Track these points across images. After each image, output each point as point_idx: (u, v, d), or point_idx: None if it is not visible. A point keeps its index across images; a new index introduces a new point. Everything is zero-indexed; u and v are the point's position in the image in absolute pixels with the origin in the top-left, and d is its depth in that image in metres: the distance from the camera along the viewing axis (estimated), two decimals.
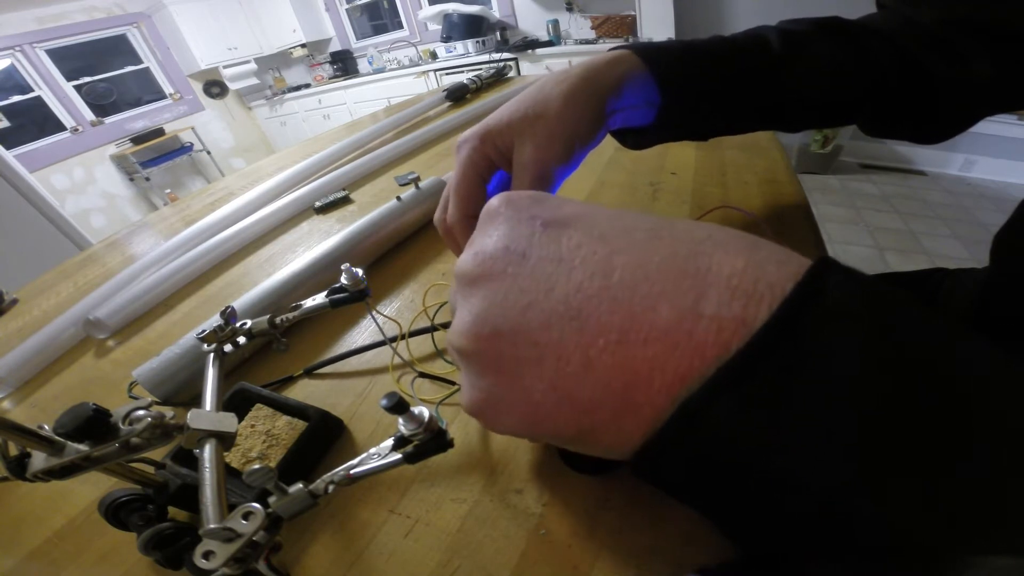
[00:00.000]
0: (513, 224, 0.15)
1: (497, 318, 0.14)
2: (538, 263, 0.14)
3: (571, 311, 0.13)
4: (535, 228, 0.15)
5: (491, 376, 0.15)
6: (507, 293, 0.14)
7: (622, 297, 0.12)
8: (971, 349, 0.11)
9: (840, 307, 0.11)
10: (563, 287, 0.13)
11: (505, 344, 0.14)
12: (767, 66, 0.30)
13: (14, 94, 3.38)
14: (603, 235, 0.14)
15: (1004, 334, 0.31)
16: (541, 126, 0.25)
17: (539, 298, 0.13)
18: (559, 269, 0.14)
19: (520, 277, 0.14)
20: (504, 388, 0.14)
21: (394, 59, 3.88)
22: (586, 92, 0.25)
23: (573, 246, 0.14)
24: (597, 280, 0.13)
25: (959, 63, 0.28)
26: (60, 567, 0.23)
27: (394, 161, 0.71)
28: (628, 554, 0.18)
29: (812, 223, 0.37)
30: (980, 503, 0.10)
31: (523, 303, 0.14)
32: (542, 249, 0.14)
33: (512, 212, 0.16)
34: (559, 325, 0.13)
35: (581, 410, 0.13)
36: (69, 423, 0.16)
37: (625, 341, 0.12)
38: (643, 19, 2.66)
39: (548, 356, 0.13)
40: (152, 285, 0.45)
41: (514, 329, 0.14)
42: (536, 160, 0.24)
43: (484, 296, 0.15)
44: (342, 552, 0.20)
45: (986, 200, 2.20)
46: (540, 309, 0.13)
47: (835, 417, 0.10)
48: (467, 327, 0.15)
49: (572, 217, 0.15)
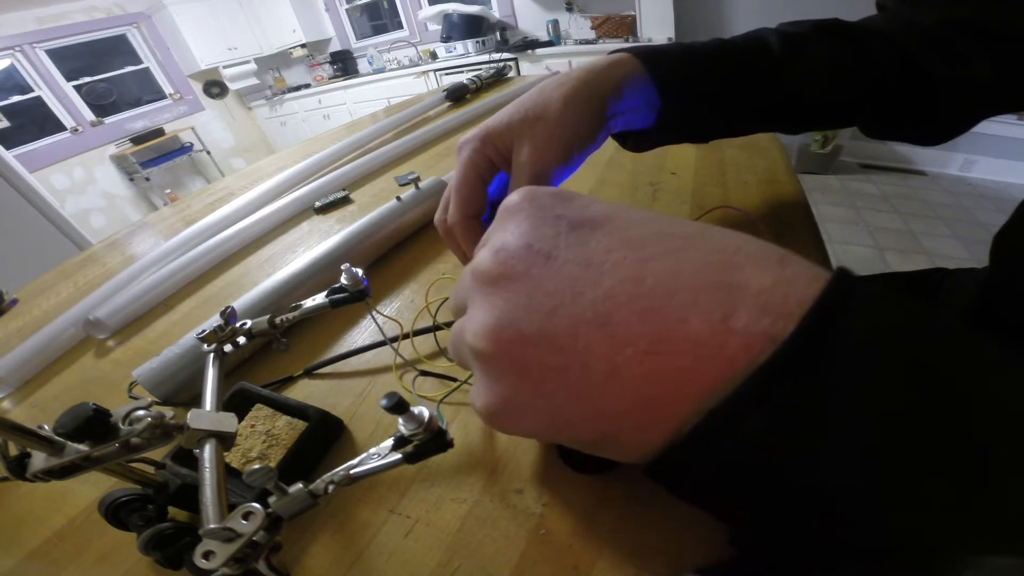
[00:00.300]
0: (536, 222, 0.15)
1: (521, 321, 0.13)
2: (564, 265, 0.13)
3: (599, 317, 0.13)
4: (560, 228, 0.14)
5: (511, 380, 0.14)
6: (531, 295, 0.14)
7: (654, 306, 0.12)
8: (982, 353, 0.11)
9: (864, 323, 0.11)
10: (592, 292, 0.13)
11: (528, 349, 0.13)
12: (766, 68, 0.30)
13: (14, 94, 3.38)
14: (635, 240, 0.13)
15: (1004, 334, 0.31)
16: (540, 128, 0.25)
17: (565, 302, 0.13)
18: (587, 273, 0.13)
19: (545, 279, 0.13)
20: (525, 394, 0.14)
21: (394, 59, 3.88)
22: (585, 95, 0.26)
23: (602, 249, 0.13)
24: (628, 286, 0.13)
25: (959, 64, 0.28)
26: (60, 567, 0.23)
27: (394, 161, 0.71)
28: (628, 553, 0.18)
29: (812, 223, 0.37)
30: (996, 506, 0.10)
31: (548, 307, 0.13)
32: (569, 251, 0.14)
33: (535, 209, 0.15)
34: (586, 332, 0.13)
35: (605, 418, 0.13)
36: (69, 423, 0.16)
37: (655, 351, 0.12)
38: (643, 19, 2.66)
39: (573, 363, 0.13)
40: (152, 285, 0.45)
41: (538, 334, 0.13)
42: (534, 161, 0.25)
43: (506, 297, 0.14)
44: (342, 552, 0.20)
45: (986, 200, 2.20)
46: (566, 314, 0.13)
47: (856, 425, 0.10)
48: (487, 329, 0.14)
49: (601, 218, 0.14)
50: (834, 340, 0.11)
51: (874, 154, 2.60)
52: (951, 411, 0.10)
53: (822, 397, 0.11)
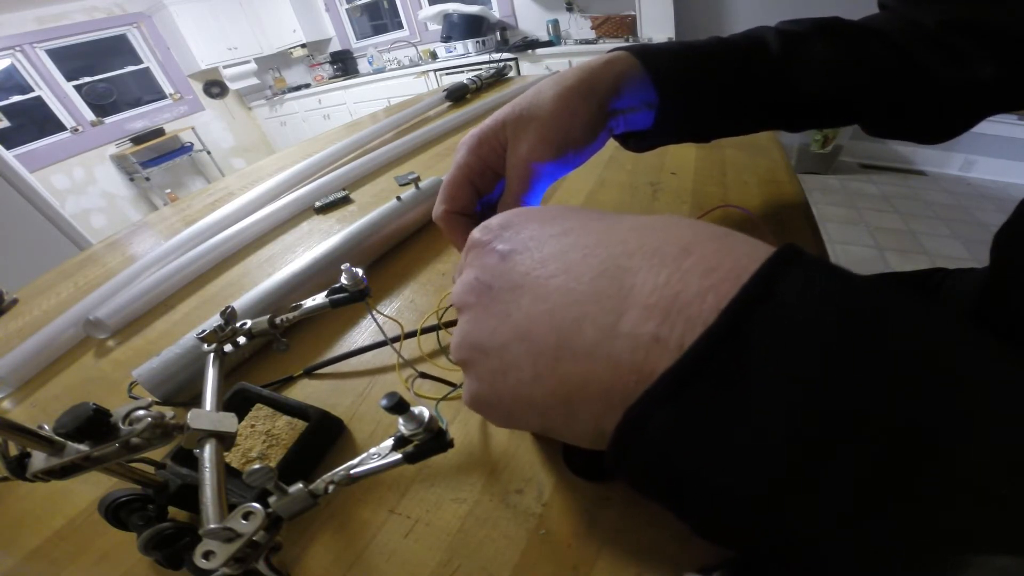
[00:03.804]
0: (482, 256, 0.18)
1: (475, 338, 0.17)
2: (500, 292, 0.16)
3: (522, 333, 0.15)
4: (497, 260, 0.17)
5: (476, 382, 0.17)
6: (480, 319, 0.17)
7: (555, 321, 0.14)
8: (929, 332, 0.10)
9: (773, 326, 0.11)
10: (516, 313, 0.15)
11: (481, 359, 0.17)
12: (766, 66, 0.30)
13: (14, 94, 3.38)
14: (544, 259, 0.16)
15: (1004, 334, 0.31)
16: (534, 126, 0.25)
17: (500, 323, 0.16)
18: (513, 296, 0.16)
19: (488, 306, 0.16)
20: (486, 392, 0.17)
21: (394, 59, 3.88)
22: (580, 93, 0.26)
23: (523, 272, 0.16)
24: (539, 304, 0.15)
25: (960, 65, 0.28)
26: (60, 567, 0.23)
27: (394, 161, 0.71)
28: (628, 554, 0.18)
29: (812, 223, 0.37)
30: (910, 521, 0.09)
31: (491, 327, 0.16)
32: (501, 279, 0.16)
33: (481, 245, 0.18)
34: (515, 345, 0.15)
35: (539, 413, 0.15)
36: (69, 423, 0.16)
37: (560, 358, 0.14)
38: (643, 19, 2.66)
39: (511, 369, 0.15)
40: (152, 285, 0.45)
41: (486, 347, 0.16)
42: (526, 161, 0.25)
43: (467, 320, 0.17)
44: (342, 552, 0.20)
45: (986, 200, 2.20)
46: (501, 332, 0.16)
47: (758, 432, 0.10)
48: (455, 345, 0.18)
49: (525, 241, 0.17)
50: (734, 339, 0.11)
51: (874, 154, 2.59)
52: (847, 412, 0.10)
53: (721, 404, 0.11)
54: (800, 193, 0.41)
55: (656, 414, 0.11)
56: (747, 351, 0.10)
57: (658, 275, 0.13)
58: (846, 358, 0.10)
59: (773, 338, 0.10)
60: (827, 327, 0.10)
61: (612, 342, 0.13)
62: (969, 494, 0.09)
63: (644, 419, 0.12)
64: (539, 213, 0.18)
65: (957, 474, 0.09)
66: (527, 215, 0.18)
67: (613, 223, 0.16)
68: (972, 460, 0.09)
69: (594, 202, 0.47)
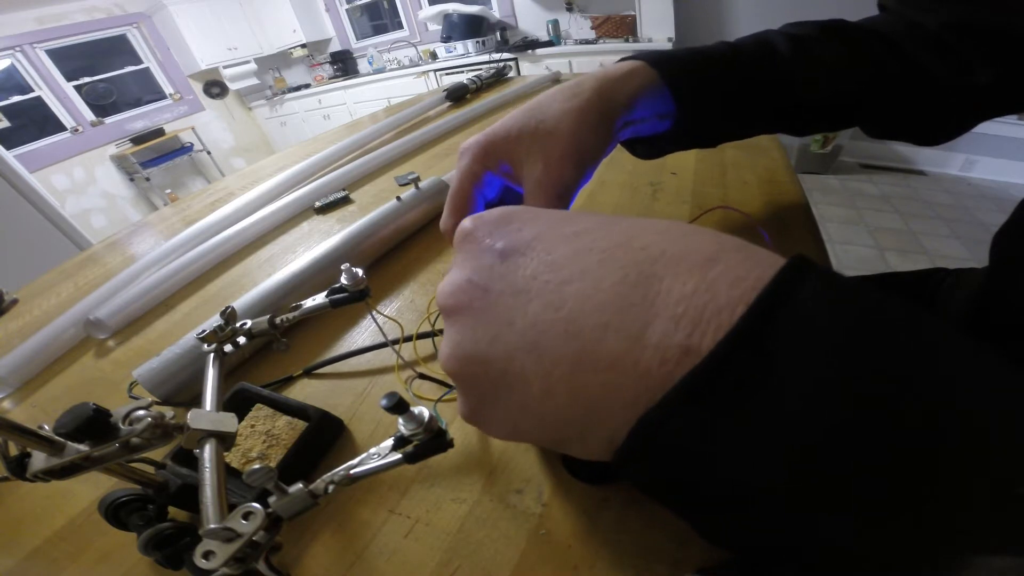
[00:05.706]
0: (476, 254, 0.16)
1: (469, 348, 0.15)
2: (499, 297, 0.15)
3: (529, 344, 0.14)
4: (494, 260, 0.16)
5: (472, 396, 0.16)
6: (474, 327, 0.15)
7: (574, 329, 0.13)
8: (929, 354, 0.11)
9: (796, 331, 0.11)
10: (521, 321, 0.14)
11: (478, 371, 0.15)
12: (777, 71, 0.30)
13: (14, 94, 3.38)
14: (557, 262, 0.14)
15: (1004, 335, 0.31)
16: (552, 144, 0.24)
17: (502, 331, 0.14)
18: (517, 302, 0.14)
19: (485, 311, 0.15)
20: (486, 406, 0.16)
21: (394, 59, 3.88)
22: (599, 110, 0.25)
23: (528, 276, 0.14)
24: (550, 312, 0.13)
25: (961, 67, 0.28)
26: (60, 567, 0.23)
27: (394, 161, 0.71)
28: (628, 554, 0.18)
29: (812, 223, 0.37)
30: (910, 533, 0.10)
31: (489, 336, 0.15)
32: (501, 282, 0.15)
33: (474, 242, 0.17)
34: (520, 357, 0.14)
35: (550, 428, 0.15)
36: (69, 423, 0.16)
37: (578, 371, 0.13)
38: (643, 19, 2.66)
39: (515, 383, 0.14)
40: (152, 285, 0.45)
41: (484, 359, 0.15)
42: (553, 180, 0.24)
43: (458, 328, 0.16)
44: (342, 552, 0.20)
45: (986, 200, 2.20)
46: (503, 342, 0.14)
47: (776, 440, 0.10)
48: (445, 355, 0.16)
49: (529, 241, 0.15)
50: (759, 348, 0.11)
51: (874, 154, 2.59)
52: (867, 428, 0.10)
53: (742, 412, 0.11)
54: (800, 193, 0.41)
55: (676, 417, 0.11)
56: (771, 355, 0.10)
57: (684, 284, 0.12)
58: (869, 361, 0.10)
59: (796, 342, 0.10)
60: (847, 332, 0.11)
61: (640, 352, 0.12)
62: (986, 495, 0.09)
63: (664, 421, 0.12)
64: (547, 211, 0.17)
65: (977, 475, 0.09)
66: (533, 212, 0.17)
67: (629, 226, 0.15)
68: (993, 461, 0.09)
69: (594, 202, 0.47)
